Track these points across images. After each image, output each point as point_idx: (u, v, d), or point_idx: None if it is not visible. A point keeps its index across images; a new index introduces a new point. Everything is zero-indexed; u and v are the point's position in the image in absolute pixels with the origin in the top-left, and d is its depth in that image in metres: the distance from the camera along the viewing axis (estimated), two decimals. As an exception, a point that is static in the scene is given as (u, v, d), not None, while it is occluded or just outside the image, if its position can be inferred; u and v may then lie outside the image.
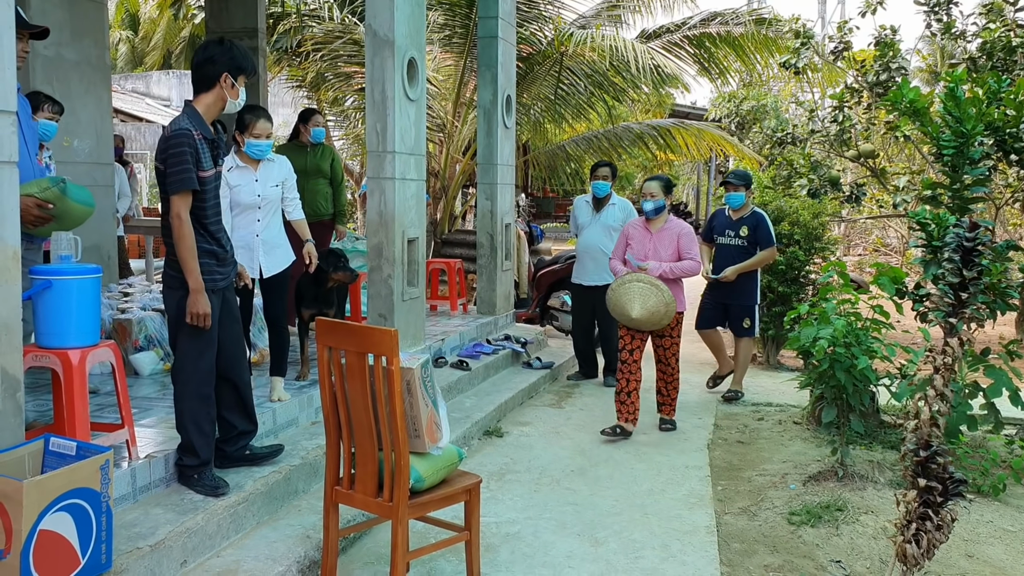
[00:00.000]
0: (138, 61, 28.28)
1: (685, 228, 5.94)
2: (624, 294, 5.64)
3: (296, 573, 3.57)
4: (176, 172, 3.60)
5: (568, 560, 3.93)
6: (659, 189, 5.90)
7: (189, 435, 3.77)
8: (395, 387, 3.17)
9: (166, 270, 3.79)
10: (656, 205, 5.91)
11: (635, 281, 5.63)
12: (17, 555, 2.67)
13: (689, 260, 5.87)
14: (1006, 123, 5.49)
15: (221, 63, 3.75)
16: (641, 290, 5.60)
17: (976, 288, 3.34)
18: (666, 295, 5.59)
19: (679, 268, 5.85)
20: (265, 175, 4.96)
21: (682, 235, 5.92)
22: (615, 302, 5.70)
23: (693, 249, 5.90)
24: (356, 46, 11.10)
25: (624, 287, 5.66)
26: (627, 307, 5.61)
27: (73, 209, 3.73)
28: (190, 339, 3.75)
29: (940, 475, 3.13)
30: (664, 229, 5.95)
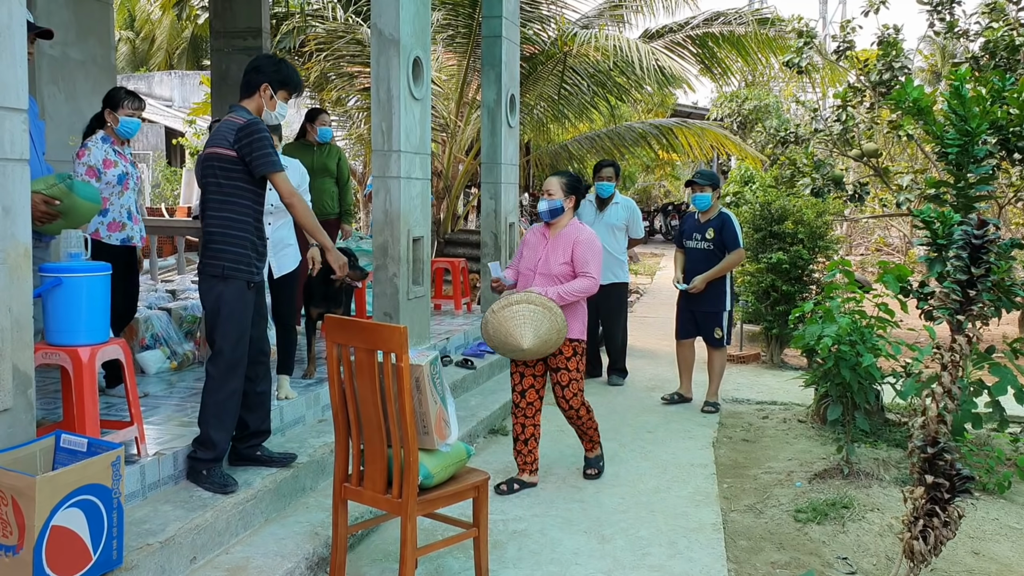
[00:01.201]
0: (139, 61, 28.31)
1: (584, 235, 4.77)
2: (510, 319, 4.45)
3: (305, 570, 3.59)
4: (266, 154, 3.72)
5: (575, 557, 3.95)
6: (559, 187, 4.82)
7: (209, 428, 3.78)
8: (404, 384, 3.18)
9: (204, 260, 3.82)
10: (551, 206, 4.79)
11: (523, 303, 4.46)
12: (30, 550, 2.69)
13: (583, 278, 4.70)
14: (1010, 122, 5.50)
15: (264, 73, 3.89)
16: (532, 315, 4.45)
17: (983, 286, 3.35)
18: (559, 319, 4.50)
19: (568, 291, 4.66)
20: None
21: (578, 243, 4.71)
22: (497, 329, 4.49)
23: (591, 262, 4.73)
24: (359, 46, 11.12)
25: (508, 310, 4.46)
26: (516, 337, 4.44)
27: (79, 206, 3.74)
28: (226, 331, 3.78)
29: (947, 472, 3.14)
30: (561, 235, 4.80)
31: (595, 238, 4.79)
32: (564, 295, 4.62)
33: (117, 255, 4.64)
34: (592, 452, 5.11)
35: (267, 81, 3.89)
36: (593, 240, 4.76)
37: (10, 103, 2.83)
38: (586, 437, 5.05)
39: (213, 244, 3.79)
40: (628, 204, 7.54)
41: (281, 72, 3.92)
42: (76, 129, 6.48)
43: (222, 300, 3.76)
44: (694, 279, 6.56)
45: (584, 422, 4.95)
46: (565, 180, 4.84)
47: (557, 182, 4.82)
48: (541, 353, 4.58)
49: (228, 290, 3.77)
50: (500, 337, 4.50)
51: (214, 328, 3.81)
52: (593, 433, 5.03)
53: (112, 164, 4.66)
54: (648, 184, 28.07)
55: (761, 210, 8.94)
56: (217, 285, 3.77)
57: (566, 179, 4.85)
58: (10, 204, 2.85)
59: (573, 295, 4.66)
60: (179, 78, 23.48)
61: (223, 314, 3.77)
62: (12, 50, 2.83)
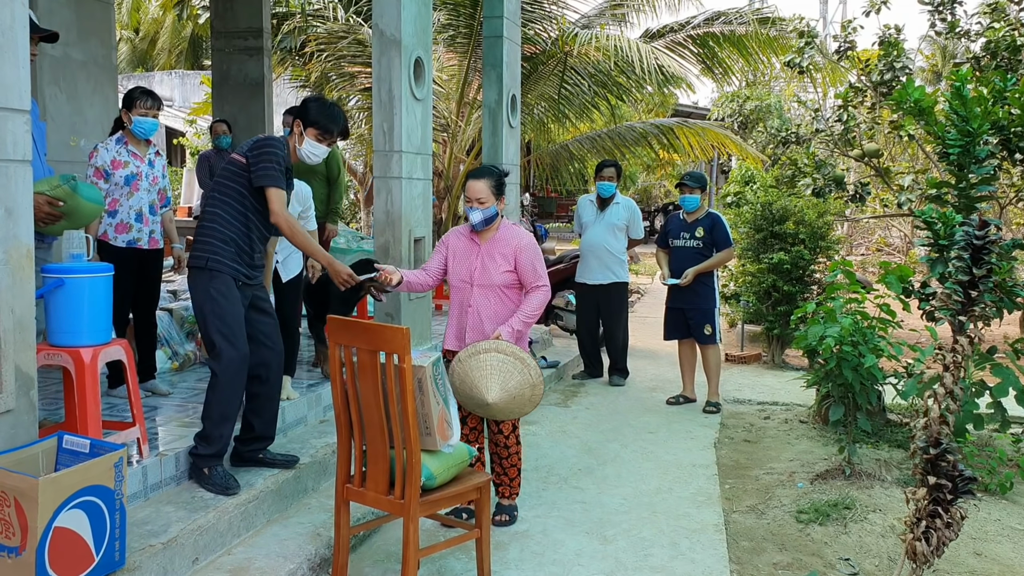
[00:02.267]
0: (139, 61, 28.29)
1: (524, 239, 4.17)
2: (476, 369, 3.78)
3: (307, 571, 3.59)
4: (268, 167, 3.76)
5: (577, 558, 3.94)
6: (489, 191, 4.11)
7: (212, 423, 3.78)
8: (407, 385, 3.18)
9: (191, 254, 3.84)
10: (486, 215, 4.12)
11: (492, 351, 3.82)
12: (32, 552, 2.69)
13: (536, 292, 4.14)
14: (1011, 122, 5.50)
15: (300, 110, 4.01)
16: (501, 365, 3.79)
17: (985, 286, 3.35)
18: (533, 373, 3.83)
19: (531, 312, 4.11)
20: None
21: (521, 250, 4.13)
22: (463, 380, 3.80)
23: (539, 268, 4.17)
24: (360, 46, 11.11)
25: (475, 359, 3.80)
26: (480, 390, 3.76)
27: (82, 207, 3.74)
28: (217, 326, 3.76)
29: (950, 473, 3.14)
30: (496, 240, 4.18)
31: (532, 238, 4.24)
32: (527, 320, 4.10)
33: (124, 257, 4.62)
34: (508, 498, 4.34)
35: (299, 117, 3.98)
36: (534, 242, 4.20)
37: (12, 104, 2.83)
38: (506, 477, 4.31)
39: (200, 237, 3.83)
40: (629, 204, 7.54)
41: (317, 111, 3.97)
42: (77, 130, 6.49)
43: (207, 294, 3.76)
44: (686, 272, 6.57)
45: (511, 456, 4.27)
46: (492, 182, 4.14)
47: (486, 187, 4.11)
48: (510, 412, 3.88)
49: (213, 284, 3.76)
50: (465, 389, 3.82)
51: (206, 324, 3.80)
52: (515, 475, 4.33)
53: (121, 165, 4.65)
54: (649, 184, 28.06)
55: (762, 210, 8.94)
56: (201, 277, 3.78)
57: (493, 180, 4.15)
58: (12, 205, 2.85)
59: (535, 316, 4.14)
60: (179, 78, 23.48)
61: (209, 308, 3.77)
62: (15, 51, 2.83)
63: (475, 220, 4.11)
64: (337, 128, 4.02)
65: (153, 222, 4.80)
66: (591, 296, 7.54)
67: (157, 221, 4.84)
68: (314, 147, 3.99)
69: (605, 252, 7.38)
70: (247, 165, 3.79)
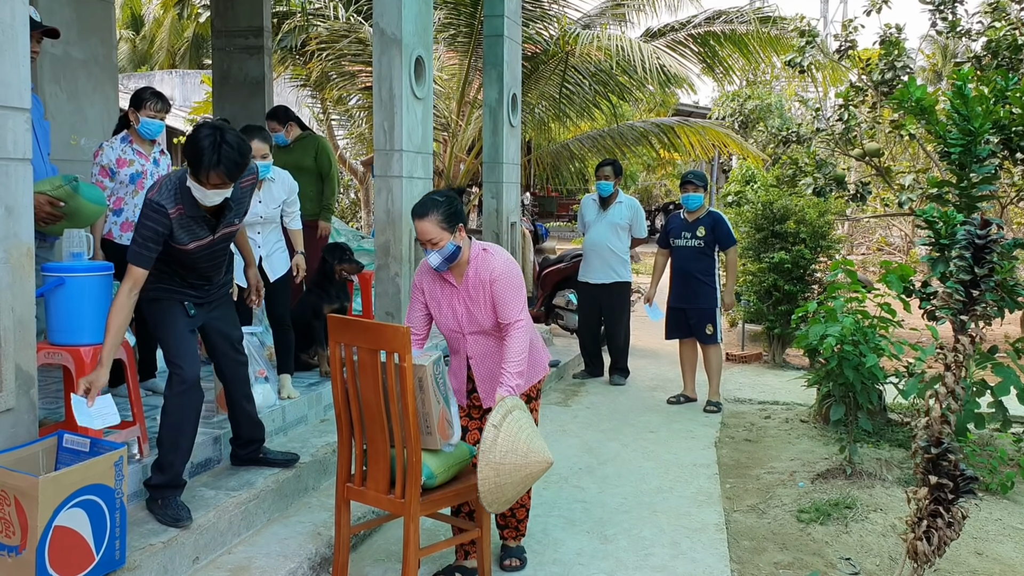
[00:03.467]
0: (140, 61, 28.29)
1: (498, 268, 3.50)
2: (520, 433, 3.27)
3: (307, 570, 3.59)
4: (134, 241, 3.36)
5: (578, 558, 3.94)
6: (436, 228, 3.43)
7: (164, 450, 3.54)
8: (407, 384, 3.18)
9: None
10: (444, 255, 3.47)
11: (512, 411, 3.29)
12: (33, 550, 2.68)
13: (514, 332, 3.48)
14: (1012, 121, 5.50)
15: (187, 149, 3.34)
16: (530, 421, 3.36)
17: (987, 286, 3.34)
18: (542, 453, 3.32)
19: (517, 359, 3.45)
20: (268, 195, 4.93)
21: (494, 281, 3.50)
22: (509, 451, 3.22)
23: (513, 302, 3.50)
24: (361, 45, 11.11)
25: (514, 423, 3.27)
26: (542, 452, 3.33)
27: (84, 207, 3.75)
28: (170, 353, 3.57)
29: (951, 472, 3.13)
30: (471, 276, 3.55)
31: (509, 264, 3.55)
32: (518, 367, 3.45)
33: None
34: (515, 540, 3.89)
35: (188, 159, 3.34)
36: (508, 270, 3.52)
37: (13, 102, 2.83)
38: (513, 518, 3.85)
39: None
40: (631, 203, 7.54)
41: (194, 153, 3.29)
42: (78, 128, 6.48)
43: (155, 323, 3.59)
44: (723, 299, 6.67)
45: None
46: (439, 215, 3.42)
47: (432, 225, 3.42)
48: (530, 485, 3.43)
49: (157, 311, 3.59)
50: (513, 457, 3.19)
51: (163, 351, 3.61)
52: (524, 516, 3.87)
53: (126, 163, 4.64)
54: (649, 183, 28.05)
55: (763, 209, 8.93)
56: (147, 308, 3.58)
57: (439, 213, 3.42)
58: (13, 204, 2.85)
59: (523, 358, 3.47)
60: (180, 77, 23.46)
61: (160, 336, 3.59)
62: (15, 49, 2.83)
63: (434, 264, 3.50)
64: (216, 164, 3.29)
65: None
66: (593, 295, 7.53)
67: None
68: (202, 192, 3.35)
69: (607, 251, 7.37)
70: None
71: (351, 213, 16.93)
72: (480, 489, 3.20)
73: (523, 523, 3.88)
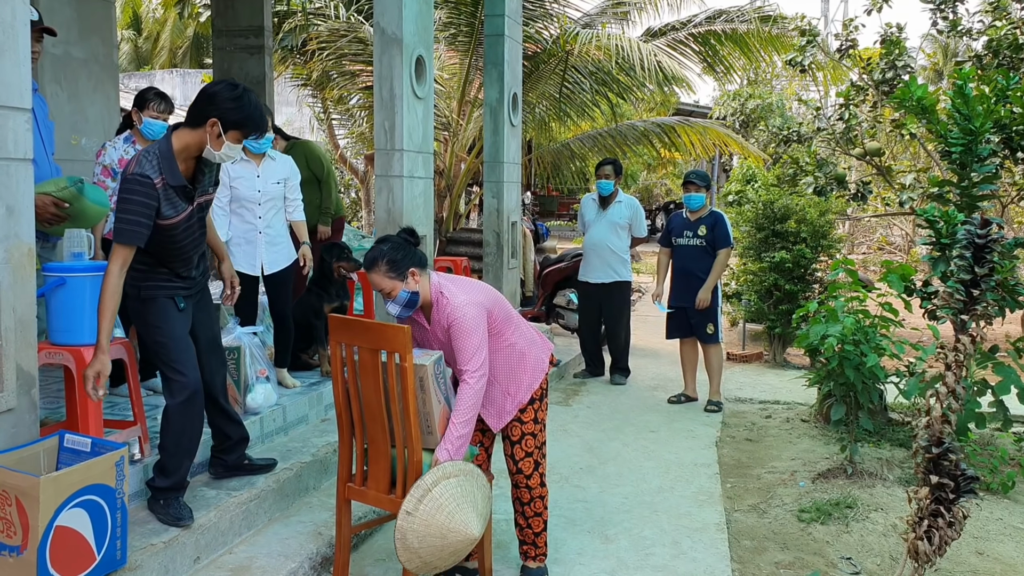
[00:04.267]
0: (142, 60, 28.31)
1: (453, 314, 3.33)
2: (436, 512, 3.06)
3: (308, 570, 3.59)
4: (120, 219, 3.23)
5: (579, 557, 3.94)
6: (385, 280, 3.34)
7: (168, 454, 3.50)
8: (408, 384, 3.18)
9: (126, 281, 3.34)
10: (402, 303, 3.36)
11: (440, 481, 3.11)
12: (34, 551, 2.69)
13: (463, 383, 3.29)
14: (1013, 121, 5.49)
15: (217, 106, 3.30)
16: (459, 490, 3.14)
17: (987, 285, 3.34)
18: (482, 481, 3.27)
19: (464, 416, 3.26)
20: (267, 171, 4.99)
21: (451, 327, 3.34)
22: (425, 535, 3.06)
23: (465, 349, 3.30)
24: (361, 44, 11.11)
25: (429, 501, 3.06)
26: (460, 531, 3.10)
27: (88, 209, 3.76)
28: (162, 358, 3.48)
29: (952, 472, 3.13)
30: (435, 320, 3.43)
31: (462, 308, 3.33)
32: (464, 425, 3.25)
33: None
34: (535, 561, 3.69)
35: (217, 117, 3.28)
36: (461, 315, 3.32)
37: (13, 102, 2.83)
38: (529, 530, 3.65)
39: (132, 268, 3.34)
40: (631, 203, 7.54)
41: (241, 109, 3.31)
42: (78, 128, 6.49)
43: (148, 324, 3.47)
44: (698, 294, 6.57)
45: (534, 502, 3.61)
46: (385, 265, 3.32)
47: (380, 276, 3.32)
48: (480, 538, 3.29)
49: (149, 313, 3.47)
50: (434, 541, 3.07)
51: (155, 353, 3.49)
52: (541, 528, 3.65)
53: None
54: (650, 183, 28.06)
55: (764, 209, 8.93)
56: (138, 308, 3.48)
57: (385, 262, 3.32)
58: (14, 204, 2.85)
59: (470, 415, 3.27)
60: (181, 76, 23.46)
61: (155, 338, 3.47)
62: (15, 49, 2.83)
63: (393, 313, 3.38)
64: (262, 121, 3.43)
65: None
66: (593, 295, 7.53)
67: None
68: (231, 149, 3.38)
69: (608, 251, 7.38)
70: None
71: (352, 213, 16.94)
72: (406, 566, 3.11)
73: (541, 537, 3.66)
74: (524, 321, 3.71)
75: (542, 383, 3.63)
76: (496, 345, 3.49)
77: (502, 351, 3.52)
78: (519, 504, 3.64)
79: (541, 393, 3.64)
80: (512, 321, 3.56)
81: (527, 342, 3.61)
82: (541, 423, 3.62)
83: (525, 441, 3.58)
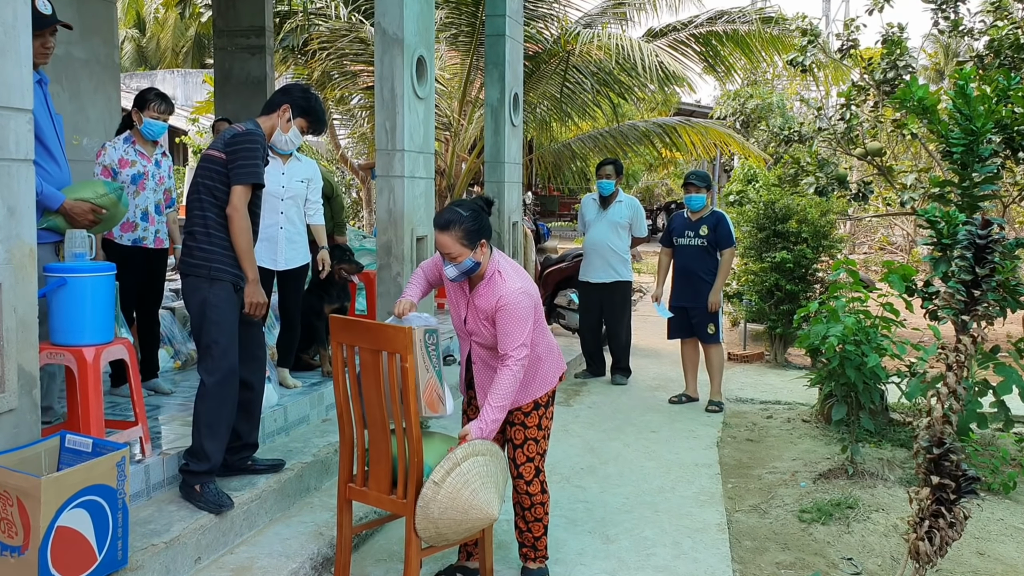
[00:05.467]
0: (144, 60, 28.33)
1: (506, 296, 3.34)
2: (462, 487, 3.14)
3: (310, 570, 3.59)
4: (246, 165, 3.61)
5: (580, 557, 3.94)
6: (455, 243, 3.34)
7: (202, 437, 3.62)
8: (409, 384, 3.18)
9: (187, 261, 3.66)
10: (461, 269, 3.38)
11: (469, 458, 3.17)
12: (35, 551, 2.69)
13: (505, 367, 3.31)
14: (1015, 121, 5.49)
15: (290, 96, 3.93)
16: (486, 469, 3.21)
17: (988, 286, 3.34)
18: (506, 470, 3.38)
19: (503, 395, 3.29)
20: (292, 170, 5.08)
21: (499, 309, 3.35)
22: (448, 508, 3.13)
23: (513, 334, 3.33)
24: (362, 44, 11.11)
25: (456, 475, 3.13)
26: (481, 509, 3.20)
27: (120, 215, 3.85)
28: (216, 335, 3.63)
29: (953, 472, 3.13)
30: (481, 290, 3.44)
31: (518, 295, 3.35)
32: (500, 406, 3.29)
33: (129, 256, 4.62)
34: (535, 562, 3.68)
35: (289, 103, 3.91)
36: (515, 301, 3.33)
37: (15, 103, 2.83)
38: (529, 534, 3.65)
39: (196, 245, 3.64)
40: (632, 202, 7.54)
41: (309, 101, 3.96)
42: (79, 128, 6.49)
43: (208, 303, 3.62)
44: (709, 297, 6.57)
45: (534, 507, 3.59)
46: (460, 231, 3.32)
47: (452, 239, 3.32)
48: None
49: (214, 292, 3.62)
50: (457, 515, 3.14)
51: (202, 332, 3.64)
52: (541, 532, 3.65)
53: (128, 164, 4.65)
54: (651, 183, 28.05)
55: (765, 209, 8.93)
56: (202, 286, 3.62)
57: (460, 228, 3.32)
58: (15, 204, 2.85)
59: (507, 397, 3.31)
60: (182, 76, 23.49)
61: (211, 317, 3.61)
62: (17, 49, 2.83)
63: (450, 276, 3.40)
64: (324, 118, 4.09)
65: (158, 222, 4.81)
66: (594, 295, 7.53)
67: (162, 221, 4.84)
68: (296, 135, 4.00)
69: (608, 250, 7.38)
70: (225, 161, 3.63)
71: (352, 212, 16.94)
72: (420, 535, 3.19)
73: (541, 541, 3.66)
74: (548, 329, 3.72)
75: (549, 391, 3.61)
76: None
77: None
78: (519, 508, 3.64)
79: (547, 400, 3.61)
80: (541, 324, 3.56)
81: (546, 347, 3.62)
82: (545, 430, 3.61)
83: (527, 446, 3.57)
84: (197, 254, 3.64)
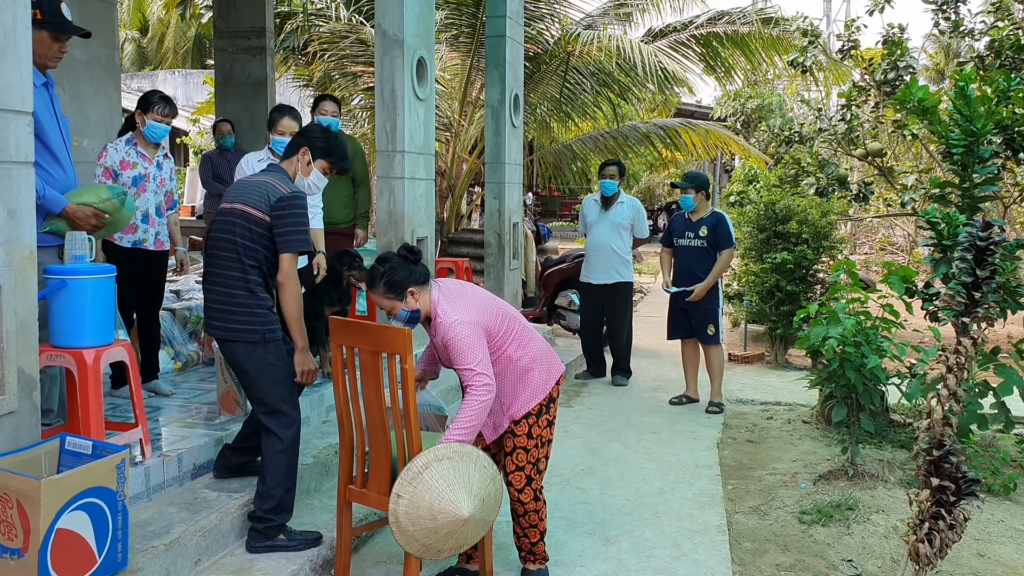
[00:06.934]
0: (145, 61, 28.34)
1: (445, 329, 3.35)
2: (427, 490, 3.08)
3: (309, 571, 3.59)
4: (296, 231, 3.55)
5: (580, 559, 3.94)
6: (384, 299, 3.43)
7: (284, 490, 3.63)
8: (409, 385, 3.18)
9: (232, 328, 3.57)
10: (403, 319, 3.43)
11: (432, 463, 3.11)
12: (35, 553, 2.69)
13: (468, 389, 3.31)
14: (1015, 122, 5.49)
15: (308, 138, 3.80)
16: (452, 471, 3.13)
17: (989, 287, 3.34)
18: (487, 464, 3.24)
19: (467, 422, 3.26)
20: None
21: (447, 344, 3.37)
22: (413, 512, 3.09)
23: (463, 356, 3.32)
24: (363, 46, 11.11)
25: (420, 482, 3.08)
26: (449, 507, 3.09)
27: (124, 220, 3.84)
28: (282, 393, 3.62)
29: (953, 474, 3.13)
30: (434, 332, 3.49)
31: (455, 327, 3.33)
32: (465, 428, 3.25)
33: (129, 257, 4.62)
34: (535, 564, 3.71)
35: (308, 145, 3.76)
36: (455, 335, 3.32)
37: (15, 106, 2.83)
38: (526, 539, 3.66)
39: (243, 309, 3.56)
40: (633, 203, 7.54)
41: (329, 140, 3.81)
42: (80, 130, 6.49)
43: (265, 362, 3.60)
44: (694, 287, 6.57)
45: (528, 515, 3.60)
46: (384, 286, 3.39)
47: (379, 295, 3.42)
48: (488, 521, 3.28)
49: (270, 352, 3.61)
50: (423, 522, 3.08)
51: (266, 392, 3.61)
52: (537, 538, 3.66)
53: (129, 166, 4.65)
54: (652, 184, 28.04)
55: (765, 210, 8.92)
56: (257, 350, 3.59)
57: (383, 283, 3.39)
58: (15, 207, 2.85)
59: (473, 422, 3.26)
60: (183, 77, 23.49)
61: (275, 377, 3.61)
62: (17, 52, 2.83)
63: (400, 326, 3.37)
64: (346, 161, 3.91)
65: (159, 224, 4.80)
66: (595, 296, 7.53)
67: (163, 223, 4.84)
68: (319, 178, 3.82)
69: (610, 251, 7.38)
70: (270, 224, 3.55)
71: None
72: (406, 550, 3.18)
73: (538, 546, 3.68)
74: (537, 337, 3.65)
75: (541, 400, 3.57)
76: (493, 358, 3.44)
77: (498, 363, 3.48)
78: (515, 515, 3.64)
79: (539, 409, 3.57)
80: (515, 335, 3.53)
81: (532, 358, 3.56)
82: (536, 439, 3.55)
83: (516, 455, 3.54)
84: (245, 319, 3.56)
